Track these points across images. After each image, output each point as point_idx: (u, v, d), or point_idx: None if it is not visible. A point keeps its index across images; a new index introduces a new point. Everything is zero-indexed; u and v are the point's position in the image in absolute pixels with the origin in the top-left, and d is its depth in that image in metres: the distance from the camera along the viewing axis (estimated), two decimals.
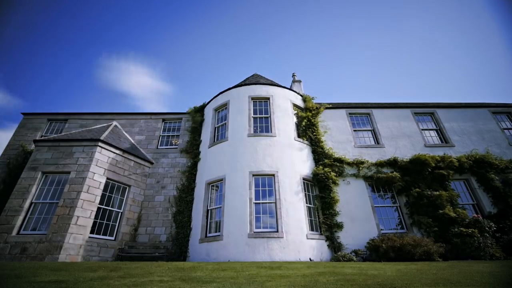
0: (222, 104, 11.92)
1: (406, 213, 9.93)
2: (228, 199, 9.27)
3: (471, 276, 4.35)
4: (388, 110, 12.80)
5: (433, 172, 10.30)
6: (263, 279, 4.05)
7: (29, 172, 9.26)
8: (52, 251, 7.90)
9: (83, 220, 8.67)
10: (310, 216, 9.43)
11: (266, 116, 11.09)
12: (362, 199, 10.16)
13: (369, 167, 10.86)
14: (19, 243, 8.01)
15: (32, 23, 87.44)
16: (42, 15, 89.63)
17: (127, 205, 10.21)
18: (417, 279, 4.00)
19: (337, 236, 9.30)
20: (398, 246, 8.10)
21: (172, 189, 11.19)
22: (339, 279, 3.99)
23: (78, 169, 9.34)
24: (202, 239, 9.17)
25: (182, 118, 13.38)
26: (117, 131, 12.20)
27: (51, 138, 10.39)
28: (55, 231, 8.18)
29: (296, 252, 8.24)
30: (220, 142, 10.83)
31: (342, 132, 11.99)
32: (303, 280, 3.94)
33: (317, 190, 10.12)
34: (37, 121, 12.92)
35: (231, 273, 4.71)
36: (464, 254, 8.32)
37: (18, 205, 8.62)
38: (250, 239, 8.34)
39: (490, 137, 11.79)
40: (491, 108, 12.95)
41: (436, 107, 12.94)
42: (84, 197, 8.90)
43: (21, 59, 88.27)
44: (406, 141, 11.71)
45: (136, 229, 10.19)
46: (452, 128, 12.18)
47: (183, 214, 10.39)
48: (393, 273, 4.61)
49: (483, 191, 10.33)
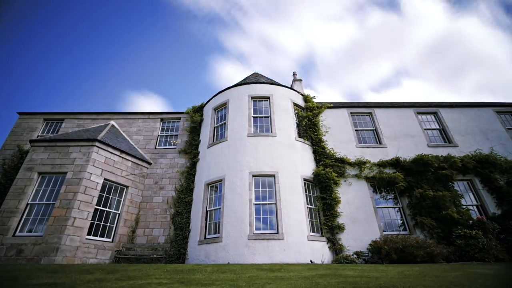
0: (222, 104, 11.80)
1: (408, 214, 9.79)
2: (227, 200, 9.14)
3: (475, 278, 4.33)
4: (390, 109, 12.68)
5: (436, 173, 10.17)
6: (263, 282, 4.00)
7: (25, 172, 9.14)
8: (48, 253, 7.79)
9: (80, 222, 8.54)
10: (311, 217, 9.30)
11: (266, 115, 10.97)
12: (364, 200, 10.03)
13: (371, 167, 10.73)
14: (14, 245, 7.91)
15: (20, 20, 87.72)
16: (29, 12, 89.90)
17: (124, 206, 10.07)
18: (420, 282, 3.93)
19: (339, 237, 9.16)
20: (400, 248, 7.97)
21: (171, 190, 11.06)
22: (340, 282, 3.93)
23: (75, 169, 9.21)
24: (201, 241, 9.03)
25: (181, 118, 13.27)
26: (114, 131, 12.08)
27: (48, 138, 10.29)
28: (51, 233, 8.07)
29: (297, 254, 8.11)
30: (219, 142, 10.70)
31: (343, 132, 11.86)
32: (303, 283, 3.89)
33: (318, 191, 9.99)
34: (33, 120, 12.81)
35: (231, 275, 4.70)
36: (468, 256, 8.17)
37: (14, 206, 8.52)
38: (250, 240, 8.21)
39: (494, 137, 11.65)
40: (495, 107, 12.82)
41: (439, 106, 12.82)
42: (81, 198, 8.77)
43: (20, 58, 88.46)
44: (408, 141, 11.57)
45: (134, 231, 10.05)
46: (455, 128, 12.05)
47: (182, 215, 10.25)
48: (396, 276, 4.56)
49: (487, 192, 10.19)
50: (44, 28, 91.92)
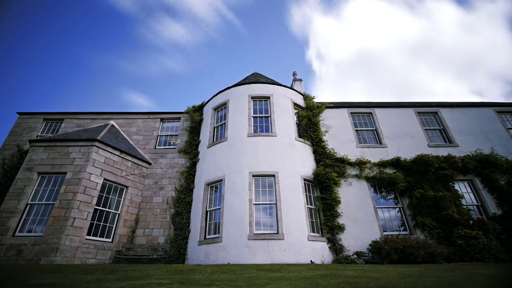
0: (222, 103, 11.78)
1: (409, 215, 9.76)
2: (227, 200, 9.11)
3: (475, 279, 4.34)
4: (391, 109, 12.65)
5: (437, 173, 10.15)
6: (263, 282, 3.98)
7: (25, 172, 9.12)
8: (48, 253, 7.77)
9: (80, 222, 8.52)
10: (311, 218, 9.27)
11: (266, 115, 10.95)
12: (364, 200, 10.00)
13: (371, 167, 10.70)
14: (14, 245, 7.90)
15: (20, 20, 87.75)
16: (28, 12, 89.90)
17: (124, 206, 10.05)
18: (421, 282, 3.91)
19: (339, 238, 9.13)
20: (401, 248, 7.95)
21: (171, 190, 11.03)
22: (341, 282, 3.91)
23: (75, 169, 9.19)
24: (201, 241, 9.01)
25: (181, 118, 13.24)
26: (114, 131, 12.06)
27: (47, 138, 10.28)
28: (51, 233, 8.05)
29: (297, 254, 8.08)
30: (219, 142, 10.68)
31: (343, 131, 11.82)
32: (303, 283, 3.87)
33: (318, 191, 9.96)
34: (33, 120, 12.79)
35: (231, 275, 4.68)
36: (468, 256, 8.15)
37: (14, 206, 8.50)
38: (250, 241, 8.19)
39: (495, 137, 11.61)
40: (495, 107, 12.78)
41: (439, 106, 12.79)
42: (81, 198, 8.75)
43: (20, 57, 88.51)
44: (409, 141, 11.54)
45: (133, 231, 10.03)
46: (456, 128, 12.01)
47: (182, 215, 10.23)
48: (396, 276, 4.54)
49: (488, 192, 10.15)
50: (44, 28, 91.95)
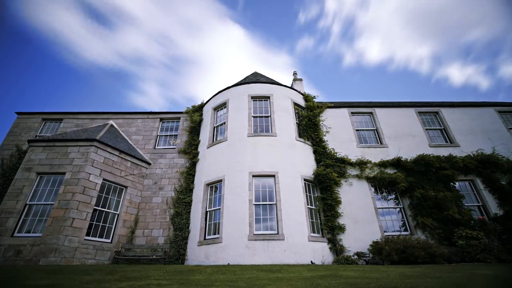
0: (221, 103, 11.75)
1: (410, 215, 9.72)
2: (227, 200, 9.07)
3: (476, 279, 4.32)
4: (392, 109, 12.61)
5: (438, 173, 10.11)
6: (263, 283, 3.97)
7: (24, 173, 9.09)
8: (47, 254, 7.73)
9: (79, 222, 8.48)
10: (311, 218, 9.23)
11: (266, 115, 10.91)
12: (365, 201, 9.97)
13: (372, 167, 10.66)
14: (13, 246, 7.86)
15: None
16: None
17: (123, 207, 10.00)
18: (421, 283, 3.89)
19: (339, 238, 9.09)
20: (401, 248, 7.92)
21: (170, 190, 10.99)
22: (341, 283, 3.89)
23: (74, 169, 9.15)
24: (201, 242, 8.96)
25: (180, 118, 13.21)
26: (113, 130, 12.02)
27: (46, 138, 10.25)
28: (50, 233, 8.01)
29: (297, 255, 8.05)
30: (219, 142, 10.64)
31: (344, 131, 11.78)
32: (304, 284, 3.86)
33: (319, 191, 9.93)
34: (32, 120, 12.76)
35: (231, 276, 4.68)
36: (469, 256, 8.11)
37: (12, 206, 8.47)
38: (250, 241, 8.15)
39: (496, 137, 11.57)
40: (496, 107, 12.75)
41: (440, 106, 12.76)
42: (80, 198, 8.71)
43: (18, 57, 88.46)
44: (410, 141, 11.50)
45: (133, 231, 9.98)
46: (457, 128, 11.97)
47: (181, 216, 10.18)
48: (396, 276, 4.53)
49: (489, 192, 10.11)
50: (44, 28, 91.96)
